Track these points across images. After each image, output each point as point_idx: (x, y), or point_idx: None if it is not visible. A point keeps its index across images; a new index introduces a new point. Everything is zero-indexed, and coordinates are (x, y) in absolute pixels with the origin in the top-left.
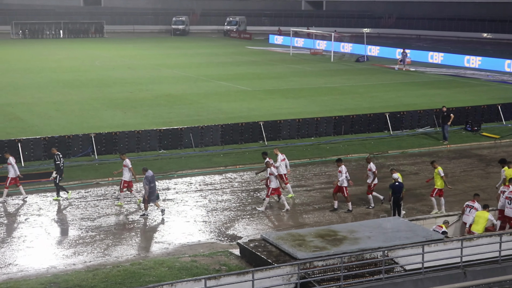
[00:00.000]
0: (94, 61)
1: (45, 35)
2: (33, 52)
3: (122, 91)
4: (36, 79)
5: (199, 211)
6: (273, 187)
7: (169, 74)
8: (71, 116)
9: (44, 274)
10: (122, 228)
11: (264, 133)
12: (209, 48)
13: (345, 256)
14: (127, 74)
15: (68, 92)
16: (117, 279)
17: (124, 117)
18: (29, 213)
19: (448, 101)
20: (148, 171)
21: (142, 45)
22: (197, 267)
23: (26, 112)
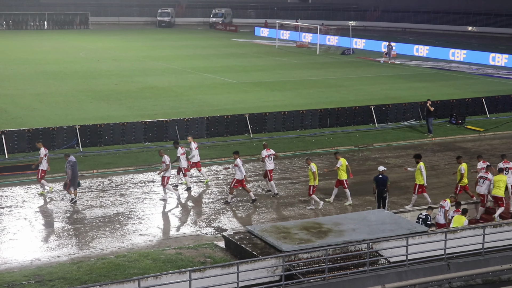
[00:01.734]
0: (79, 52)
1: (29, 26)
2: (16, 43)
3: (107, 83)
4: (19, 71)
5: (185, 203)
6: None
7: (154, 66)
8: (56, 108)
9: (28, 266)
10: (107, 221)
11: (250, 125)
12: (194, 40)
13: (329, 249)
14: (112, 66)
15: (53, 83)
16: (102, 272)
17: (109, 109)
18: (13, 205)
19: (433, 94)
20: (70, 157)
21: (127, 37)
22: (182, 259)
23: (9, 104)
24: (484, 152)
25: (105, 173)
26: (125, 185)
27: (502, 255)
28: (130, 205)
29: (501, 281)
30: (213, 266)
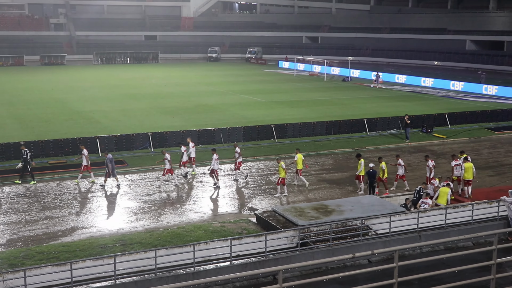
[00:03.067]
0: (151, 80)
1: (116, 61)
2: (107, 74)
3: (171, 102)
4: (109, 93)
5: (227, 189)
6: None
7: (205, 90)
8: (134, 119)
9: (115, 233)
10: (171, 202)
11: (275, 133)
12: (234, 71)
13: (333, 223)
14: (174, 90)
15: (132, 102)
16: (167, 238)
17: (172, 121)
18: (100, 189)
19: (409, 110)
20: (109, 155)
21: (185, 68)
22: (225, 230)
23: (102, 117)
24: (447, 153)
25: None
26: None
27: (459, 228)
28: (187, 191)
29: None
30: (248, 235)
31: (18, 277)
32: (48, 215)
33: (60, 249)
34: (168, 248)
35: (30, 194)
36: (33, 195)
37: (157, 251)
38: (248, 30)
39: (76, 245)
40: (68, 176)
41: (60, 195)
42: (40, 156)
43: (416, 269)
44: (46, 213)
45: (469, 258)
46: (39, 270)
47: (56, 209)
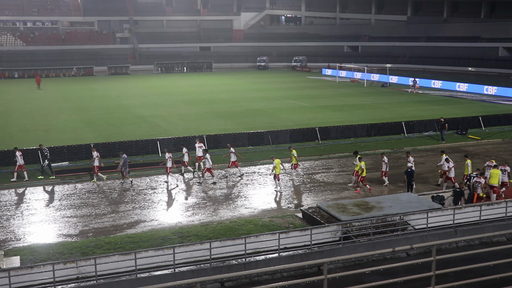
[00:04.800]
0: (205, 87)
1: (174, 70)
2: (166, 82)
3: (223, 107)
4: (168, 100)
5: (275, 187)
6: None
7: (254, 95)
8: (190, 123)
9: (174, 226)
10: (224, 198)
11: (319, 135)
12: (281, 78)
13: (373, 219)
14: (226, 96)
15: (188, 107)
16: (221, 231)
17: (224, 124)
18: (160, 186)
19: (445, 113)
20: (124, 155)
21: (236, 76)
22: (273, 224)
23: (161, 121)
24: (481, 153)
25: (223, 166)
26: (236, 174)
27: (493, 224)
28: (239, 188)
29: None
30: (294, 229)
31: (90, 264)
32: (114, 209)
33: (126, 240)
34: (222, 241)
35: (99, 191)
36: (101, 192)
37: (211, 243)
38: (293, 40)
39: (140, 237)
40: (132, 174)
41: (125, 191)
42: (108, 156)
43: (452, 263)
44: (113, 207)
45: (503, 253)
46: (108, 259)
47: (121, 204)
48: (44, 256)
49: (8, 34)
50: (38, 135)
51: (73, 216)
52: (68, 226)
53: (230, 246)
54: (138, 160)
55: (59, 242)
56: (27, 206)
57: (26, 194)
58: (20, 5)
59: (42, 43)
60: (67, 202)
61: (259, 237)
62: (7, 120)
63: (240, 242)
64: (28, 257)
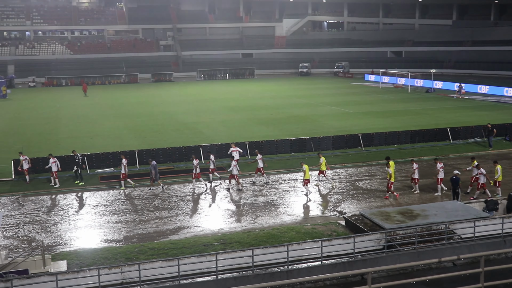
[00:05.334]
0: (248, 94)
1: (217, 77)
2: (209, 88)
3: (266, 113)
4: (210, 106)
5: (317, 194)
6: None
7: (297, 102)
8: (233, 130)
9: (216, 233)
10: (266, 205)
11: (362, 141)
12: (323, 84)
13: (418, 227)
14: (269, 102)
15: (231, 114)
16: (263, 238)
17: (267, 130)
18: (202, 193)
19: (492, 119)
20: (153, 161)
21: (278, 82)
22: (316, 232)
23: (204, 127)
24: None
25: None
26: (278, 181)
27: None
28: (281, 195)
29: None
30: (337, 237)
31: (134, 270)
32: (158, 216)
33: (169, 246)
34: (264, 248)
35: (143, 197)
36: (145, 198)
37: (254, 250)
38: (336, 46)
39: (183, 243)
40: (176, 181)
41: (168, 198)
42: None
43: (501, 274)
44: (156, 213)
45: None
46: (151, 264)
47: (165, 210)
48: (89, 261)
49: (57, 43)
50: (84, 142)
51: (118, 221)
52: (113, 231)
53: (272, 253)
54: (181, 167)
55: (104, 247)
56: (74, 211)
57: (73, 200)
58: (68, 15)
59: (89, 52)
60: (112, 207)
61: (301, 244)
62: (55, 127)
63: (282, 250)
64: (74, 261)
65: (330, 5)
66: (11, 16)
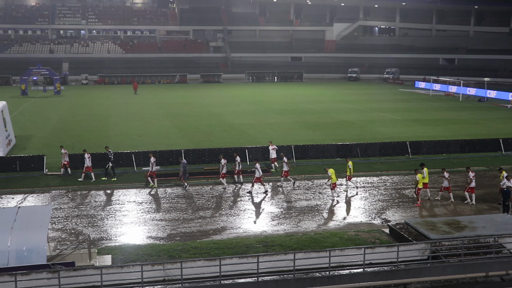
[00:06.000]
0: (295, 97)
1: (265, 80)
2: (257, 91)
3: (312, 117)
4: (258, 108)
5: (362, 201)
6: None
7: (344, 107)
8: (279, 132)
9: (258, 235)
10: (309, 209)
11: (409, 149)
12: (372, 90)
13: (465, 239)
14: (316, 106)
15: (278, 117)
16: (305, 243)
17: (313, 135)
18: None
19: None
20: (183, 160)
21: (327, 87)
22: (359, 239)
23: (251, 129)
24: None
25: (309, 177)
26: (322, 186)
27: None
28: (325, 200)
29: None
30: (380, 245)
31: (176, 267)
32: (202, 215)
33: (211, 245)
34: (306, 252)
35: (187, 196)
36: (190, 197)
37: (296, 254)
38: (386, 52)
39: (225, 243)
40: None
41: (212, 198)
42: (197, 162)
43: None
44: (200, 213)
45: None
46: (193, 263)
47: (208, 210)
48: (133, 257)
49: (110, 42)
50: (132, 140)
51: (162, 219)
52: (157, 229)
53: (314, 258)
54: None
55: (148, 244)
56: (120, 207)
57: (119, 196)
58: (122, 14)
59: (140, 51)
60: (157, 205)
61: (344, 250)
62: (106, 124)
63: (324, 255)
64: (118, 256)
65: (382, 10)
66: (67, 15)
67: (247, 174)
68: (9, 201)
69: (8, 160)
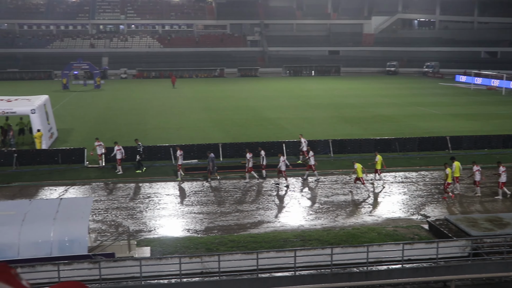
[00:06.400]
0: (333, 91)
1: (302, 74)
2: (294, 85)
3: (351, 112)
4: (295, 103)
5: (401, 196)
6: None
7: (382, 101)
8: (317, 127)
9: (296, 229)
10: (346, 204)
11: (449, 144)
12: (411, 84)
13: (508, 237)
14: (354, 100)
15: (315, 111)
16: (343, 238)
17: (351, 129)
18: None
19: None
20: (211, 154)
21: (364, 81)
22: (397, 234)
23: (288, 124)
24: None
25: (347, 172)
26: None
27: None
28: (363, 195)
29: None
30: (420, 241)
31: (213, 260)
32: (239, 209)
33: (248, 239)
34: (344, 247)
35: (225, 189)
36: (227, 190)
37: (333, 249)
38: (426, 45)
39: (262, 237)
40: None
41: (249, 191)
42: (234, 156)
43: None
44: (237, 206)
45: None
46: (231, 256)
47: (246, 204)
48: (171, 249)
49: (148, 37)
50: (170, 133)
51: (200, 212)
52: (195, 221)
53: (351, 253)
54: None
55: (186, 236)
56: (158, 200)
57: (158, 189)
58: (160, 9)
59: (178, 45)
60: (194, 198)
61: (382, 246)
62: (144, 118)
63: (362, 250)
64: (157, 248)
65: (421, 3)
66: (107, 10)
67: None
68: (51, 193)
69: (51, 152)
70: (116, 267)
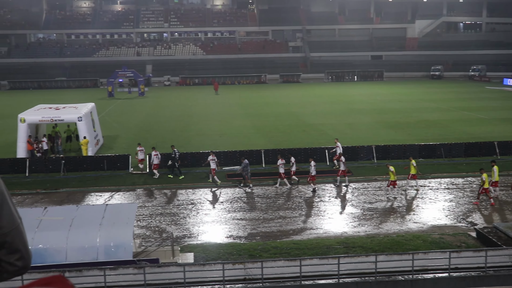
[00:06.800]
0: (376, 96)
1: (345, 79)
2: (336, 90)
3: (394, 117)
4: (337, 108)
5: (447, 203)
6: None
7: (427, 106)
8: (359, 133)
9: (339, 236)
10: (391, 211)
11: (497, 149)
12: (457, 88)
13: None
14: (397, 106)
15: (358, 117)
16: (387, 245)
17: (395, 135)
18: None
19: None
20: (245, 160)
21: (408, 85)
22: (443, 242)
23: (330, 129)
24: None
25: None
26: (401, 188)
27: None
28: (404, 202)
29: None
30: (467, 249)
31: (256, 267)
32: (282, 215)
33: (291, 246)
34: (388, 254)
35: (267, 196)
36: (269, 197)
37: (377, 256)
38: (472, 48)
39: (305, 244)
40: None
41: (292, 198)
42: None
43: None
44: (280, 213)
45: None
46: (274, 263)
47: (288, 210)
48: (215, 255)
49: (191, 44)
50: (213, 140)
51: (243, 218)
52: (238, 228)
53: (396, 261)
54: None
55: (229, 242)
56: (201, 206)
57: (201, 195)
58: (202, 17)
59: (220, 52)
60: (237, 205)
61: (428, 254)
62: (187, 124)
63: (407, 258)
64: (200, 254)
65: (467, 5)
66: (151, 19)
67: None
68: (97, 199)
69: (97, 159)
70: (160, 272)
